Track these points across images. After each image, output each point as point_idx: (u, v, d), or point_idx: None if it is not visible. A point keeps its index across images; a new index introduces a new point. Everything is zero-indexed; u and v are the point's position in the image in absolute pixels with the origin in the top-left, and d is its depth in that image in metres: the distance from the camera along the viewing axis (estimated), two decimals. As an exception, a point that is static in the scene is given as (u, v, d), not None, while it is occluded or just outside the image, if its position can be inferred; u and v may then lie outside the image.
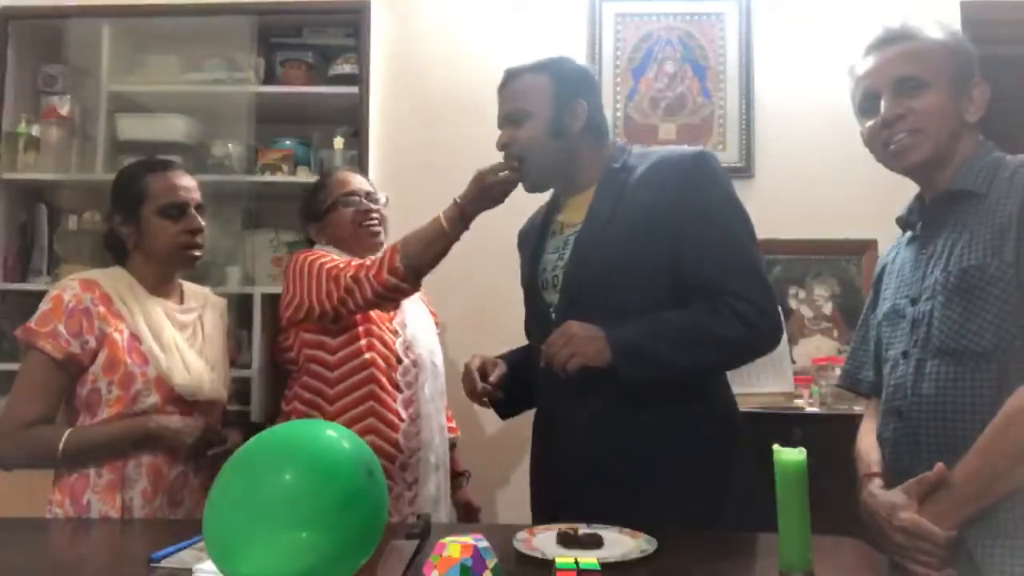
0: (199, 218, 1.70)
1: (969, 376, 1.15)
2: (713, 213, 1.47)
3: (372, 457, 1.00)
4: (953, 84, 1.27)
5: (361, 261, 1.73)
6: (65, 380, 1.58)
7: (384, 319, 1.85)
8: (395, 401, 1.79)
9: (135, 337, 1.61)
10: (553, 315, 1.54)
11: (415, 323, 1.89)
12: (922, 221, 1.34)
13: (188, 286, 1.81)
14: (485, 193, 1.59)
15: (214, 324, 1.79)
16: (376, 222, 1.92)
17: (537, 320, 1.60)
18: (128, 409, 1.57)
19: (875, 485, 1.25)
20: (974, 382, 1.15)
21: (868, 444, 1.35)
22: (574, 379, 1.40)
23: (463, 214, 1.62)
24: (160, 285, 1.71)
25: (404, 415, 1.79)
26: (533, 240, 1.67)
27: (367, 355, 1.77)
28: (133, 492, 1.57)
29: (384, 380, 1.78)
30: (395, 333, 1.84)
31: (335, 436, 0.99)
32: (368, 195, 1.94)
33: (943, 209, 1.28)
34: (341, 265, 1.74)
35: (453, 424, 2.13)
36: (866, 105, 1.34)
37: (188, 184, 1.72)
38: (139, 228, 1.68)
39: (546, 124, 1.57)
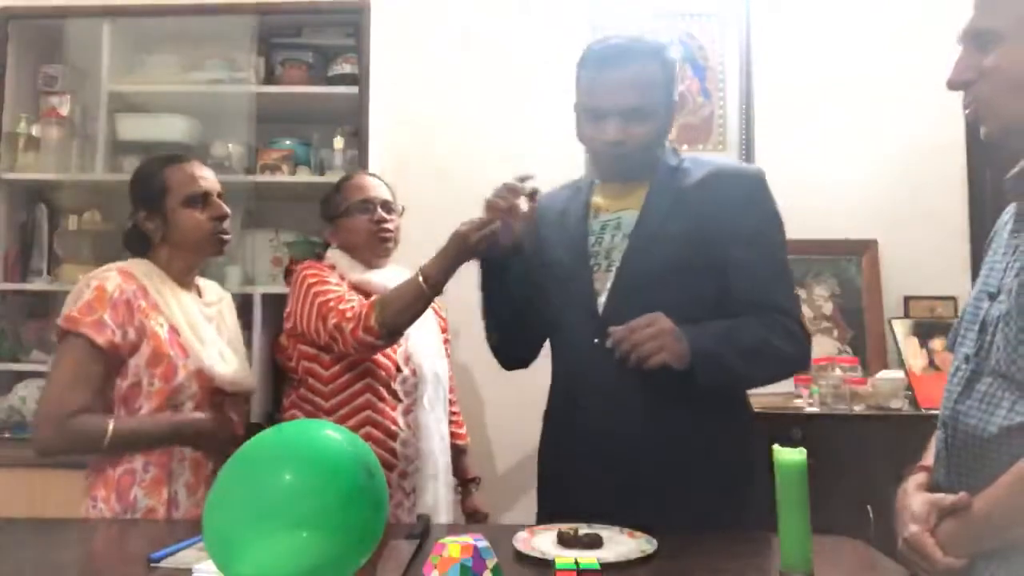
0: (222, 204, 1.72)
1: (1009, 405, 1.02)
2: (768, 232, 1.51)
3: (372, 457, 1.00)
4: None
5: (347, 307, 1.68)
6: (104, 369, 1.56)
7: None
8: (394, 411, 1.78)
9: (174, 329, 1.62)
10: (601, 302, 1.49)
11: (418, 331, 1.87)
12: (1020, 197, 1.12)
13: (202, 281, 1.82)
14: (468, 250, 1.55)
15: (231, 319, 1.82)
16: (389, 233, 1.88)
17: (574, 303, 1.52)
18: (168, 401, 1.59)
19: (915, 481, 1.17)
20: (1010, 412, 1.02)
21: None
22: (634, 373, 1.37)
23: (444, 271, 1.58)
24: (184, 278, 1.72)
25: (403, 424, 1.78)
26: (572, 220, 1.59)
27: (365, 365, 1.76)
28: (178, 485, 1.59)
29: (382, 390, 1.77)
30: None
31: (335, 436, 0.99)
32: (384, 204, 1.90)
33: None
34: (332, 301, 1.70)
35: (463, 431, 2.11)
36: None
37: (207, 173, 1.74)
38: (165, 221, 1.68)
39: (660, 126, 1.53)
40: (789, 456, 1.05)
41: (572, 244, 1.56)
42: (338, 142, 2.52)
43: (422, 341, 1.87)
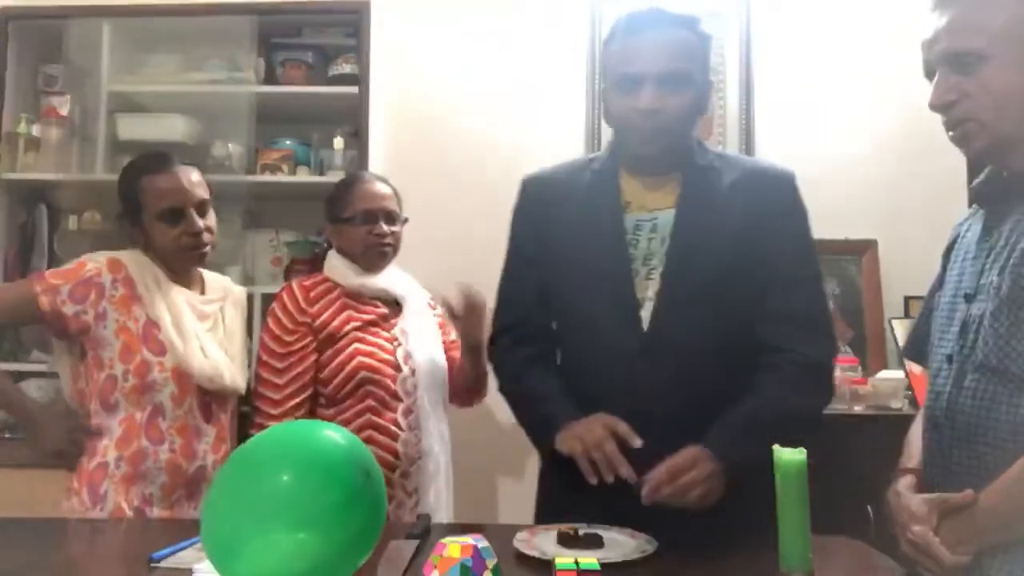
0: (197, 220, 1.67)
1: (1007, 399, 1.03)
2: (807, 240, 1.45)
3: (370, 458, 1.00)
4: None
5: (262, 419, 1.72)
6: (32, 317, 1.61)
7: (382, 327, 1.83)
8: (394, 411, 1.78)
9: (153, 324, 1.62)
10: (645, 316, 1.37)
11: (416, 331, 1.87)
12: (988, 203, 1.17)
13: (209, 276, 1.81)
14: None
15: (234, 317, 1.81)
16: (388, 247, 1.85)
17: (611, 312, 1.39)
18: (145, 399, 1.60)
19: (904, 483, 1.18)
20: (1010, 407, 1.03)
21: (915, 434, 1.26)
22: (678, 391, 1.32)
23: None
24: (179, 276, 1.72)
25: (404, 424, 1.78)
26: (604, 214, 1.44)
27: (361, 374, 1.76)
28: (153, 487, 1.59)
29: (381, 392, 1.77)
30: (392, 341, 1.83)
31: (333, 436, 0.99)
32: (388, 215, 1.86)
33: (1011, 193, 1.11)
34: (265, 396, 1.75)
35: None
36: (930, 77, 1.13)
37: (185, 183, 1.67)
38: (144, 232, 1.69)
39: (697, 100, 1.40)
40: (789, 456, 1.05)
41: (607, 242, 1.42)
42: (338, 142, 2.52)
43: (421, 340, 1.87)
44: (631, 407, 1.33)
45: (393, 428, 1.77)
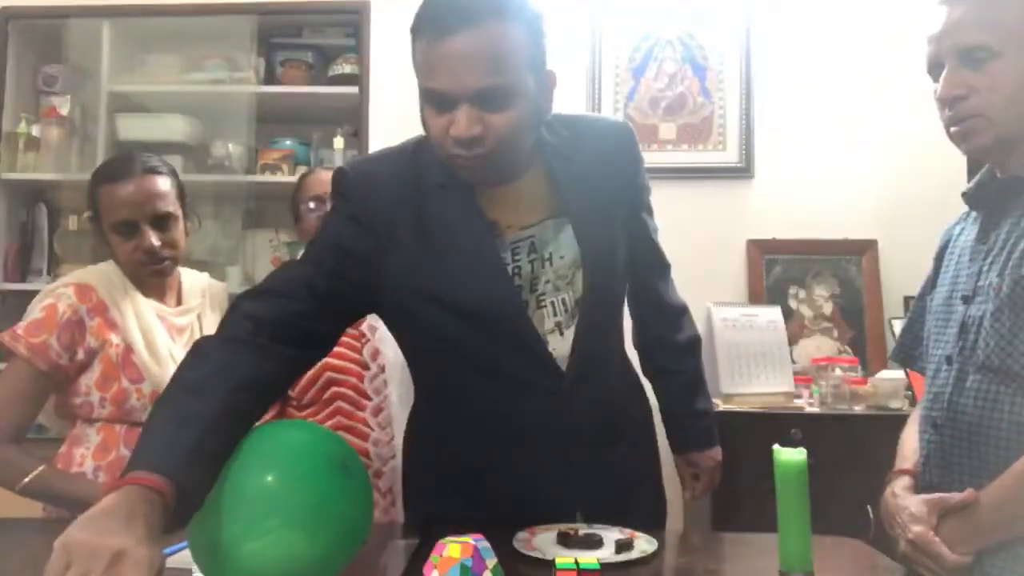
0: (150, 237, 1.54)
1: (1009, 399, 1.04)
2: (648, 192, 1.38)
3: (348, 451, 1.00)
4: None
5: None
6: (48, 389, 1.53)
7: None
8: (364, 410, 1.77)
9: (130, 348, 1.56)
10: (556, 350, 1.21)
11: (384, 325, 1.87)
12: (983, 205, 1.17)
13: (187, 279, 1.73)
14: None
15: (212, 323, 1.72)
16: None
17: (510, 351, 1.20)
18: (122, 421, 1.55)
19: (901, 484, 1.19)
20: (1013, 406, 1.04)
21: (909, 436, 1.26)
22: (592, 417, 1.26)
23: None
24: (150, 285, 1.63)
25: (374, 423, 1.77)
26: (474, 239, 1.18)
27: (327, 375, 1.75)
28: None
29: (350, 392, 1.75)
30: (360, 338, 1.81)
31: (305, 433, 1.00)
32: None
33: (1008, 195, 1.11)
34: None
35: None
36: (934, 72, 1.12)
37: (142, 195, 1.54)
38: (107, 241, 1.62)
39: (532, 107, 1.12)
40: (789, 456, 1.05)
41: (488, 273, 1.17)
42: (338, 142, 2.53)
43: (388, 335, 1.85)
44: (540, 434, 1.23)
45: (363, 428, 1.75)
